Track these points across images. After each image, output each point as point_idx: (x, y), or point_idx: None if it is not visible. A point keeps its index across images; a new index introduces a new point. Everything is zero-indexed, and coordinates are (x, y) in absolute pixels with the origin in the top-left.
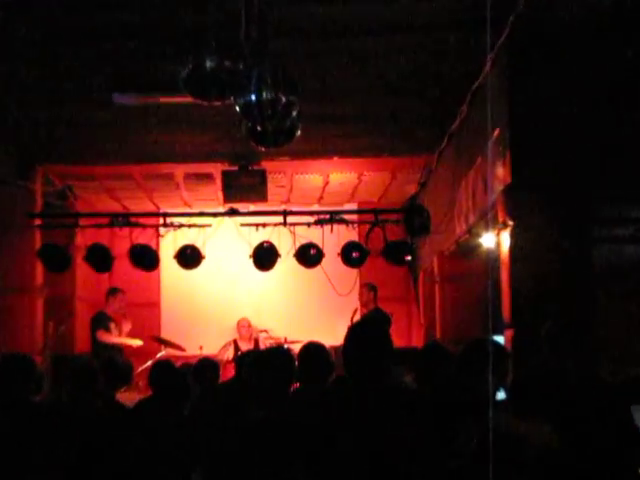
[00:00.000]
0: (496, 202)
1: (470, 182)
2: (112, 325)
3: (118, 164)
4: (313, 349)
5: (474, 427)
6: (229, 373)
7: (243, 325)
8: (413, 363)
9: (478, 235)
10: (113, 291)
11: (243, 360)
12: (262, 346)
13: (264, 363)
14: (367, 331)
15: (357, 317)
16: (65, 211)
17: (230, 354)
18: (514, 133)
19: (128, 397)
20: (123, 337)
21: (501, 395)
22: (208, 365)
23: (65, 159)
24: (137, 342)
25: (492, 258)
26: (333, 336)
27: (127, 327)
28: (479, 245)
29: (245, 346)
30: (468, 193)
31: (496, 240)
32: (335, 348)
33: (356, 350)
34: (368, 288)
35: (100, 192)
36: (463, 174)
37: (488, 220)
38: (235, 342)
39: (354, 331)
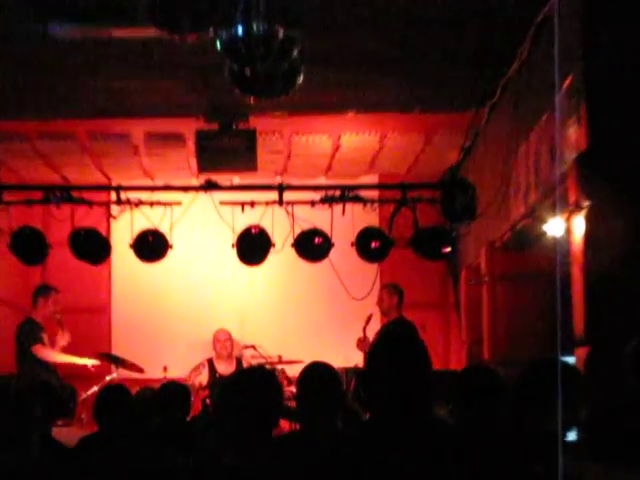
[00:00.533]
0: (567, 175)
1: (532, 149)
2: (44, 336)
3: (56, 119)
4: (318, 373)
5: None
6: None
7: (221, 339)
8: (450, 392)
9: (542, 220)
10: (44, 290)
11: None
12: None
13: (236, 389)
14: (404, 350)
15: (371, 328)
16: None
17: (204, 378)
18: (592, 82)
19: (67, 434)
20: (66, 353)
21: (572, 435)
22: (175, 392)
23: None
24: (92, 362)
25: (561, 251)
26: (344, 355)
27: (63, 340)
28: (543, 233)
29: (224, 368)
30: (529, 163)
31: (566, 226)
32: (347, 371)
33: (388, 377)
34: (390, 290)
35: (32, 157)
36: (522, 138)
37: (556, 200)
38: (211, 362)
39: (385, 349)
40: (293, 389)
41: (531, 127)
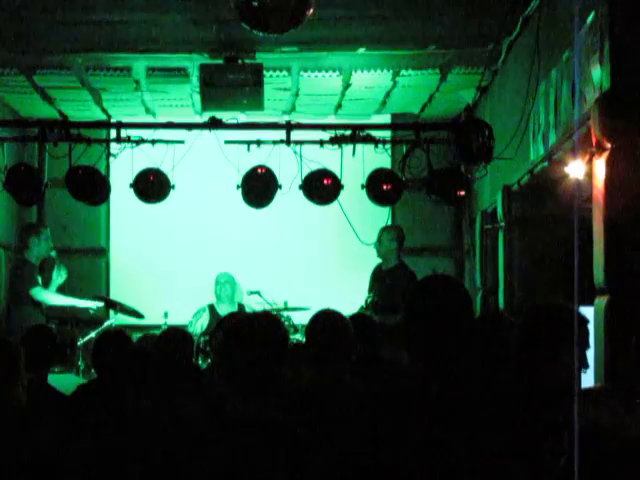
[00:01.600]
0: (588, 116)
1: (552, 87)
2: (39, 277)
3: (53, 52)
4: (329, 320)
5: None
6: None
7: (223, 282)
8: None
9: (561, 163)
10: (34, 228)
11: (217, 331)
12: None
13: (241, 334)
14: (445, 292)
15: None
16: None
17: (205, 323)
18: (616, 18)
19: (64, 381)
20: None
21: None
22: (176, 338)
23: None
24: (95, 304)
25: (581, 195)
26: (352, 301)
27: (60, 277)
28: (562, 176)
29: (226, 313)
30: (548, 103)
31: (587, 169)
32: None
33: (428, 321)
34: (391, 233)
35: (27, 92)
36: (542, 76)
37: (576, 142)
38: (212, 307)
39: (424, 289)
40: (299, 337)
41: (552, 65)
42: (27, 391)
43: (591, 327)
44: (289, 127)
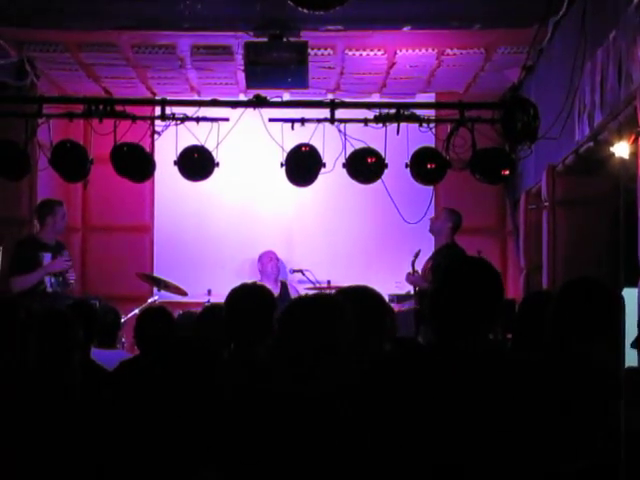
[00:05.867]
0: (634, 96)
1: (598, 67)
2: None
3: (99, 29)
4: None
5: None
6: None
7: (268, 260)
8: (507, 321)
9: (607, 142)
10: (50, 206)
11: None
12: (293, 291)
13: (305, 316)
14: (475, 275)
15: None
16: (24, 94)
17: None
18: None
19: (105, 357)
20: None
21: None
22: (218, 314)
23: (24, 19)
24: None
25: (627, 175)
26: (395, 280)
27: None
28: (608, 156)
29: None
30: (594, 83)
31: (633, 149)
32: (397, 297)
33: (456, 302)
34: (448, 214)
35: (73, 69)
36: (588, 56)
37: (622, 121)
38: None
39: (456, 271)
40: None
41: (598, 45)
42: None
43: (635, 309)
44: (333, 105)
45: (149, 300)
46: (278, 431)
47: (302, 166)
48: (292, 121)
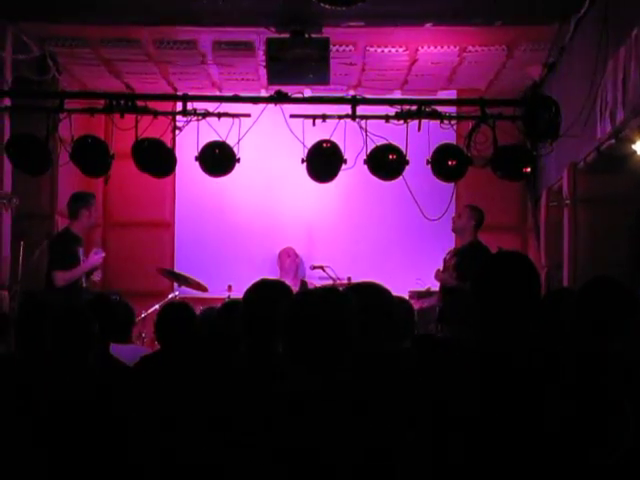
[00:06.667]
0: None
1: (620, 65)
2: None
3: (120, 24)
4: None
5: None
6: None
7: (289, 256)
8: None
9: (629, 140)
10: (85, 199)
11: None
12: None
13: (305, 308)
14: (514, 268)
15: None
16: (45, 89)
17: None
18: None
19: (124, 352)
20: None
21: None
22: (238, 311)
23: (46, 15)
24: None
25: None
26: (415, 277)
27: (97, 276)
28: (630, 154)
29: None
30: (616, 80)
31: None
32: (417, 294)
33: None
34: (471, 211)
35: (94, 64)
36: (610, 53)
37: None
38: None
39: (494, 264)
40: None
41: (620, 42)
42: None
43: None
44: (355, 102)
45: (170, 296)
46: (290, 427)
47: (323, 162)
48: (313, 117)
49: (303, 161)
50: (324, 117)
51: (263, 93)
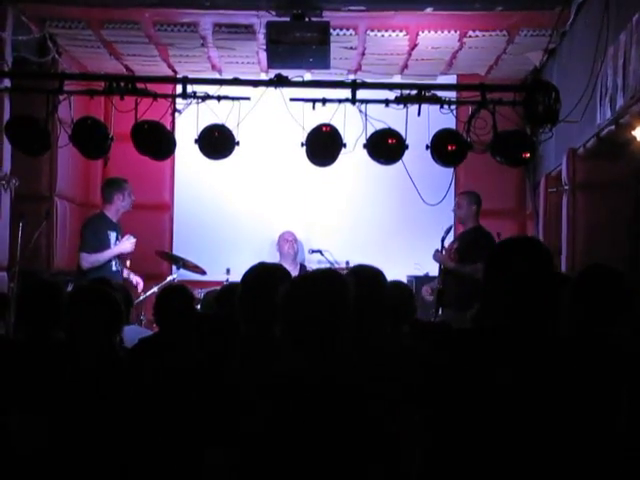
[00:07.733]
0: None
1: (621, 51)
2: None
3: (121, 6)
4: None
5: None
6: None
7: (288, 240)
8: None
9: (629, 126)
10: (119, 184)
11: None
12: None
13: (303, 290)
14: (527, 251)
15: (450, 240)
16: (45, 70)
17: None
18: None
19: (127, 333)
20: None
21: None
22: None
23: None
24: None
25: None
26: (414, 262)
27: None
28: (630, 140)
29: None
30: (617, 66)
31: None
32: (416, 279)
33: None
34: (470, 198)
35: (95, 46)
36: (611, 39)
37: None
38: None
39: (508, 249)
40: None
41: (621, 28)
42: None
43: None
44: (355, 86)
45: (168, 278)
46: (288, 412)
47: (322, 146)
48: (313, 101)
49: (302, 145)
50: (324, 101)
51: (263, 76)
